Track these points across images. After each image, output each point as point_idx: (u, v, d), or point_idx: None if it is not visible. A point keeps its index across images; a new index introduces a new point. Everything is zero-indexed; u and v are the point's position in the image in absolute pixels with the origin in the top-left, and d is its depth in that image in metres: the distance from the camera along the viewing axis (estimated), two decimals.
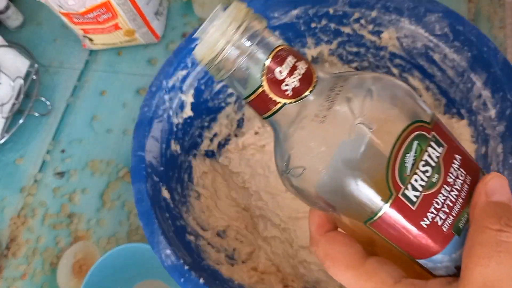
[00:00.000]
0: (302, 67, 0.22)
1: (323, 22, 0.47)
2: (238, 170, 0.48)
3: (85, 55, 0.67)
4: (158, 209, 0.38)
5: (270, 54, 0.21)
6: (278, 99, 0.21)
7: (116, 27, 0.61)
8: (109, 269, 0.47)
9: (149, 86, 0.42)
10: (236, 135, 0.53)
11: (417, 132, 0.21)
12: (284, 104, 0.22)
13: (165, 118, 0.43)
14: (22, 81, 0.60)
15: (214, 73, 0.22)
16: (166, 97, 0.43)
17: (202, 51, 0.22)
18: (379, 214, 0.21)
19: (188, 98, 0.45)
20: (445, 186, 0.21)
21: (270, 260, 0.45)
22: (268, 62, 0.21)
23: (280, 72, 0.21)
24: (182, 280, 0.34)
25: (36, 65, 0.63)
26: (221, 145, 0.52)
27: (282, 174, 0.23)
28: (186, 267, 0.35)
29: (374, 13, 0.44)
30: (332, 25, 0.47)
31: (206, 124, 0.50)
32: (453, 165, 0.22)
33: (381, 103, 0.21)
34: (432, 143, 0.21)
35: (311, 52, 0.50)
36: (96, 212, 0.56)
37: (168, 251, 0.35)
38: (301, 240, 0.44)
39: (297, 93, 0.22)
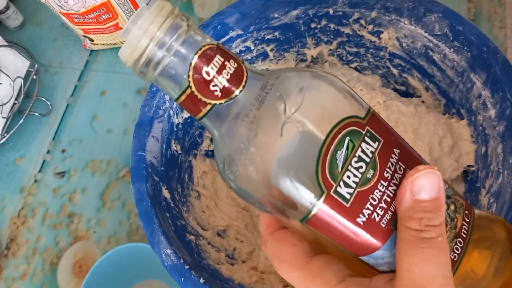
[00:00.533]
0: (231, 66, 0.21)
1: (323, 22, 0.47)
2: None
3: (85, 55, 0.67)
4: (158, 209, 0.38)
5: (196, 53, 0.20)
6: (207, 100, 0.21)
7: (117, 27, 0.61)
8: (109, 269, 0.47)
9: (149, 86, 0.43)
10: None
11: (349, 128, 0.21)
12: (214, 105, 0.21)
13: (165, 118, 0.43)
14: (22, 81, 0.60)
15: (141, 75, 0.21)
16: (167, 97, 0.43)
17: (126, 51, 0.20)
18: (313, 212, 0.20)
19: None
20: (381, 181, 0.21)
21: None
22: (194, 62, 0.20)
23: (207, 72, 0.20)
24: (182, 279, 0.34)
25: (36, 65, 0.63)
26: None
27: (221, 175, 0.22)
28: (187, 267, 0.35)
29: (373, 14, 0.44)
30: (332, 26, 0.47)
31: None
32: (391, 159, 0.21)
33: (311, 100, 0.21)
34: (366, 138, 0.21)
35: (311, 52, 0.50)
36: (96, 212, 0.56)
37: (169, 251, 0.35)
38: None
39: (226, 93, 0.21)
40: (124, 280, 0.50)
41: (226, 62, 0.21)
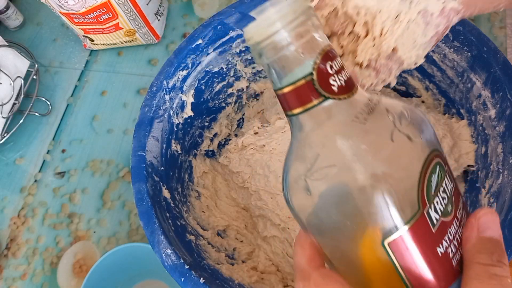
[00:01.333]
0: (347, 72, 0.22)
1: None
2: (238, 170, 0.48)
3: (85, 55, 0.67)
4: (158, 209, 0.38)
5: (324, 48, 0.21)
6: (323, 92, 0.21)
7: (117, 27, 0.61)
8: (109, 269, 0.47)
9: (149, 86, 0.43)
10: (236, 135, 0.53)
11: (439, 159, 0.21)
12: (327, 98, 0.21)
13: (165, 118, 0.43)
14: (22, 81, 0.60)
15: (256, 56, 0.22)
16: (167, 97, 0.43)
17: (254, 29, 0.21)
18: (401, 230, 0.20)
19: (189, 98, 0.45)
20: (455, 219, 0.21)
21: (270, 259, 0.45)
22: (322, 54, 0.21)
23: (331, 67, 0.21)
24: (182, 279, 0.34)
25: (36, 65, 0.63)
26: (221, 145, 0.52)
27: (298, 179, 0.21)
28: (187, 267, 0.35)
29: None
30: None
31: (206, 124, 0.50)
32: (459, 204, 0.22)
33: (413, 123, 0.22)
34: (448, 175, 0.22)
35: None
36: (96, 212, 0.56)
37: (169, 251, 0.35)
38: None
39: (342, 91, 0.21)
40: (124, 280, 0.50)
41: (343, 67, 0.22)
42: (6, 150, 0.62)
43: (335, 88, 0.21)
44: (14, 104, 0.60)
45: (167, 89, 0.43)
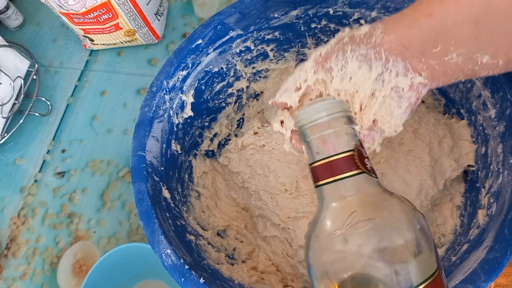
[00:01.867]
0: (371, 162, 0.28)
1: (323, 22, 0.47)
2: (237, 170, 0.48)
3: (85, 55, 0.67)
4: (158, 209, 0.38)
5: (358, 138, 0.27)
6: (361, 166, 0.27)
7: (117, 27, 0.61)
8: (109, 269, 0.47)
9: (149, 86, 0.43)
10: (236, 135, 0.53)
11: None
12: (363, 172, 0.26)
13: (165, 118, 0.43)
14: (22, 81, 0.60)
15: (300, 134, 0.29)
16: (167, 97, 0.43)
17: (303, 115, 0.28)
18: (424, 284, 0.23)
19: (189, 98, 0.45)
20: None
21: (270, 259, 0.45)
22: (359, 140, 0.27)
23: (364, 152, 0.27)
24: (182, 279, 0.34)
25: (36, 65, 0.63)
26: (221, 145, 0.52)
27: (333, 233, 0.25)
28: (187, 267, 0.35)
29: (374, 13, 0.44)
30: (332, 26, 0.47)
31: (206, 124, 0.50)
32: None
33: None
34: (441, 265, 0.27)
35: (311, 52, 0.50)
36: (96, 212, 0.56)
37: (169, 251, 0.35)
38: (301, 240, 0.44)
39: (371, 171, 0.27)
40: (124, 280, 0.50)
41: (368, 157, 0.28)
42: (6, 150, 0.62)
43: (368, 167, 0.27)
44: (14, 104, 0.60)
45: (167, 89, 0.43)
